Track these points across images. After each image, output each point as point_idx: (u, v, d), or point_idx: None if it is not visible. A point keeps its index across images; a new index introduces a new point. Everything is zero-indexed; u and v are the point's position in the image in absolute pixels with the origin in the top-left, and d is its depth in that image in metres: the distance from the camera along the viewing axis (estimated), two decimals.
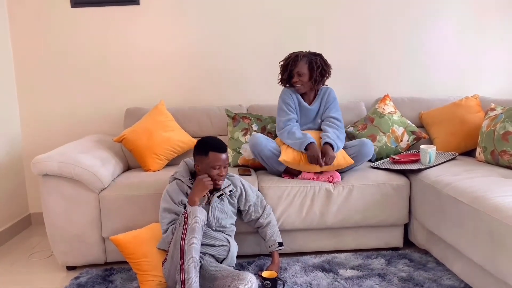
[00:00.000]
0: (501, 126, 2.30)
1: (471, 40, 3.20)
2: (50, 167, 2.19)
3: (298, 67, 2.44)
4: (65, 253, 2.30)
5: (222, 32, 3.07)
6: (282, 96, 2.56)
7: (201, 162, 2.03)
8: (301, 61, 2.44)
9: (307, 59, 2.45)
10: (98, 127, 3.08)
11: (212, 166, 2.00)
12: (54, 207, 2.25)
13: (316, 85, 2.49)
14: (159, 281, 2.02)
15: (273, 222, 2.24)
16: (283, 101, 2.53)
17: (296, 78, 2.46)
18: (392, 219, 2.39)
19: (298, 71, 2.44)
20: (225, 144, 2.08)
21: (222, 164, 2.02)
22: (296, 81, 2.46)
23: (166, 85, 3.10)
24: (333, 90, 2.59)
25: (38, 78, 3.03)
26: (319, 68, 2.44)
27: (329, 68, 2.50)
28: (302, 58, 2.45)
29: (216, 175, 2.02)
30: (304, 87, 2.48)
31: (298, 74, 2.45)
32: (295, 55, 2.47)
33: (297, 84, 2.47)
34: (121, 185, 2.35)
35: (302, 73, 2.44)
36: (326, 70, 2.48)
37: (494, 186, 1.89)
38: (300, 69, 2.44)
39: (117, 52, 3.04)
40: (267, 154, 2.40)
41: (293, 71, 2.46)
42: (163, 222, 2.01)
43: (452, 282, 2.05)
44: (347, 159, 2.36)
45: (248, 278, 1.77)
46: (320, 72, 2.45)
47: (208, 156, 2.00)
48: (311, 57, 2.46)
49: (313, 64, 2.44)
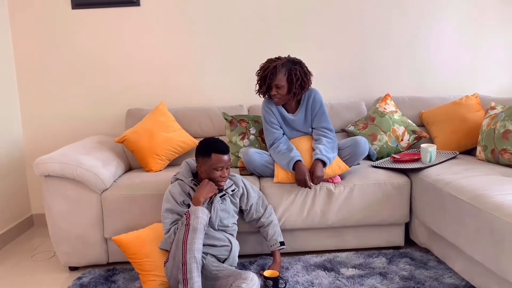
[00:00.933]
0: (501, 125, 2.30)
1: (471, 39, 3.20)
2: (52, 168, 2.20)
3: (276, 80, 2.32)
4: (68, 254, 2.31)
5: (223, 32, 3.08)
6: (263, 113, 2.48)
7: (204, 163, 2.03)
8: (279, 73, 2.31)
9: (286, 69, 2.32)
10: (100, 128, 3.09)
11: (214, 168, 2.01)
12: (56, 208, 2.26)
13: (295, 97, 2.39)
14: (161, 281, 2.03)
15: (275, 221, 2.25)
16: (265, 119, 2.47)
17: (274, 91, 2.35)
18: (393, 218, 2.40)
19: (277, 84, 2.32)
20: (228, 145, 2.08)
21: (225, 166, 2.03)
22: (275, 94, 2.36)
23: (167, 86, 3.10)
24: (317, 93, 2.46)
25: (40, 79, 3.04)
26: (298, 80, 2.32)
27: (309, 79, 2.38)
28: (280, 69, 2.31)
29: (219, 177, 2.02)
30: (282, 100, 2.39)
31: (277, 87, 2.34)
32: (274, 66, 2.32)
33: (275, 97, 2.37)
34: (122, 186, 2.36)
35: (281, 85, 2.33)
36: (306, 82, 2.36)
37: (494, 185, 1.90)
38: (279, 82, 2.32)
39: (118, 53, 3.05)
40: (262, 169, 2.39)
41: (272, 84, 2.34)
42: (165, 222, 2.02)
43: (453, 280, 2.05)
44: (342, 166, 2.34)
45: (250, 277, 1.77)
46: (299, 85, 2.34)
47: (210, 158, 2.01)
48: (290, 66, 2.33)
49: (292, 76, 2.32)
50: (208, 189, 2.00)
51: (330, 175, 2.34)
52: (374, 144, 2.73)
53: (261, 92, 2.44)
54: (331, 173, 2.33)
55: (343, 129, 2.91)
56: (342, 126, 2.93)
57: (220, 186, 2.06)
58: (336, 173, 2.34)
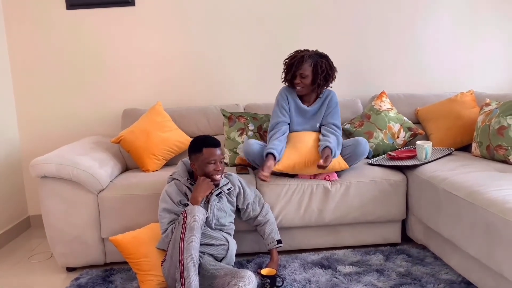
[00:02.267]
0: (496, 121, 2.31)
1: (466, 36, 3.21)
2: (48, 169, 2.20)
3: (302, 69, 2.37)
4: (65, 255, 2.31)
5: (218, 32, 3.08)
6: (278, 97, 2.52)
7: (197, 160, 2.04)
8: (305, 63, 2.37)
9: (312, 61, 2.38)
10: (96, 129, 3.09)
11: (207, 162, 2.01)
12: (53, 208, 2.25)
13: (319, 88, 2.44)
14: (158, 280, 2.03)
15: (272, 220, 2.25)
16: (278, 103, 2.50)
17: (299, 80, 2.40)
18: (390, 215, 2.41)
19: (302, 73, 2.38)
20: (218, 140, 2.09)
21: (218, 159, 2.03)
22: (298, 83, 2.41)
23: (162, 86, 3.10)
24: (335, 95, 2.52)
25: (35, 80, 3.04)
26: (323, 72, 2.38)
27: (334, 73, 2.44)
28: (307, 59, 2.37)
29: (213, 170, 2.03)
30: (305, 89, 2.44)
31: (301, 76, 2.39)
32: (301, 55, 2.39)
33: (298, 85, 2.42)
34: (119, 186, 2.36)
35: (305, 75, 2.38)
36: (331, 75, 2.42)
37: (489, 180, 1.91)
38: (304, 71, 2.37)
39: (113, 54, 3.05)
40: (261, 161, 2.38)
41: (296, 72, 2.39)
42: (162, 222, 2.02)
43: (449, 276, 2.06)
44: (342, 164, 2.35)
45: (248, 276, 1.78)
46: (324, 77, 2.40)
47: (202, 153, 2.02)
48: (317, 59, 2.39)
49: (317, 67, 2.37)
50: (205, 186, 2.01)
51: (329, 170, 2.35)
52: (370, 141, 2.74)
53: (286, 80, 2.49)
54: (329, 169, 2.33)
55: None
56: None
57: (216, 180, 2.06)
58: (334, 168, 2.35)
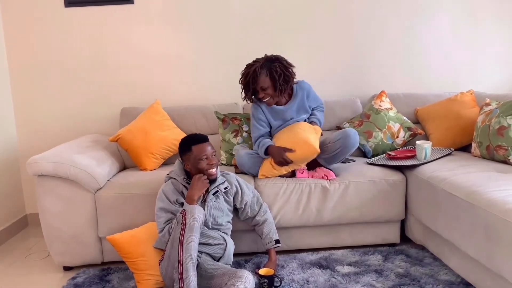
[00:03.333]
0: (496, 121, 2.30)
1: (466, 36, 3.20)
2: (45, 168, 2.18)
3: (260, 83, 2.32)
4: (62, 254, 2.29)
5: (217, 30, 3.06)
6: (252, 112, 2.49)
7: (188, 159, 2.04)
8: (261, 75, 2.30)
9: (266, 70, 2.32)
10: (94, 127, 3.07)
11: (199, 159, 2.01)
12: (50, 207, 2.24)
13: (284, 92, 2.39)
14: (156, 280, 2.02)
15: (270, 219, 2.24)
16: (254, 117, 2.48)
17: (262, 93, 2.35)
18: (389, 215, 2.39)
19: (261, 86, 2.33)
20: (206, 135, 2.10)
21: (209, 154, 2.02)
22: (263, 96, 2.36)
23: (161, 84, 3.09)
24: (304, 82, 2.50)
25: (33, 78, 3.02)
26: (280, 76, 2.31)
27: (291, 72, 2.37)
28: (260, 70, 2.31)
29: (206, 165, 2.02)
30: (272, 98, 2.39)
31: (262, 89, 2.34)
32: (253, 70, 2.31)
33: (264, 99, 2.37)
34: (117, 185, 2.34)
35: (265, 87, 2.33)
36: (289, 75, 2.36)
37: (489, 181, 1.90)
38: (263, 84, 2.32)
39: (111, 52, 3.03)
40: (255, 170, 2.40)
41: (256, 87, 2.34)
42: (159, 221, 2.01)
43: (448, 277, 2.05)
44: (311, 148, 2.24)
45: (245, 276, 1.77)
46: (283, 80, 2.33)
47: (192, 151, 2.02)
48: (270, 65, 2.32)
49: (273, 74, 2.31)
50: (200, 185, 1.99)
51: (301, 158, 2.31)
52: (369, 141, 2.72)
53: (248, 98, 2.44)
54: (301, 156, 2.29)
55: (338, 127, 2.90)
56: (338, 123, 2.92)
57: (212, 175, 2.04)
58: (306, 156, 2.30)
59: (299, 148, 2.26)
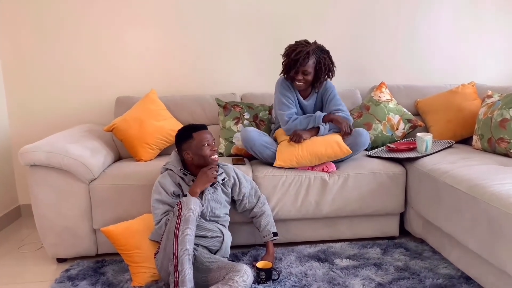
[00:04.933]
0: (498, 113, 2.27)
1: (467, 27, 3.16)
2: (37, 157, 2.13)
3: (306, 66, 2.31)
4: (55, 245, 2.25)
5: (214, 19, 2.99)
6: (279, 89, 2.44)
7: (189, 147, 2.01)
8: (310, 60, 2.30)
9: (316, 57, 2.33)
10: (88, 117, 3.00)
11: (202, 145, 1.99)
12: (43, 198, 2.19)
13: (319, 85, 2.41)
14: (151, 273, 1.98)
15: (268, 212, 2.20)
16: (282, 94, 2.42)
17: (301, 76, 2.34)
18: (388, 208, 2.37)
19: (305, 70, 2.32)
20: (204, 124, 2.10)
21: (210, 140, 2.02)
22: (300, 79, 2.35)
23: (157, 73, 3.02)
24: (329, 82, 2.48)
25: (26, 66, 2.94)
26: (326, 69, 2.35)
27: (334, 70, 2.41)
28: (312, 56, 2.31)
29: (209, 151, 2.00)
30: (305, 85, 2.39)
31: (304, 73, 2.34)
32: (306, 52, 2.29)
33: (300, 81, 2.36)
34: (111, 176, 2.29)
35: (308, 72, 2.33)
36: (332, 72, 2.40)
37: (492, 174, 1.86)
38: (307, 69, 2.32)
39: (107, 40, 2.95)
40: (261, 149, 2.35)
41: (300, 68, 2.32)
42: (155, 213, 1.97)
43: (448, 271, 2.03)
44: (343, 148, 2.28)
45: (244, 270, 1.73)
46: (326, 73, 2.37)
47: (193, 138, 2.00)
48: (320, 54, 2.34)
49: (321, 64, 2.33)
50: (205, 179, 1.97)
51: (331, 156, 2.28)
52: (369, 133, 2.68)
53: (287, 75, 2.40)
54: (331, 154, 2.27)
55: None
56: None
57: (215, 161, 2.02)
58: (337, 154, 2.27)
59: (330, 148, 2.26)
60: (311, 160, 2.30)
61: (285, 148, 2.31)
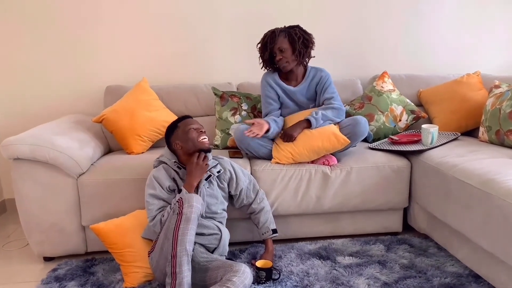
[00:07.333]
0: (507, 104, 2.17)
1: (472, 16, 3.05)
2: (21, 150, 1.99)
3: (278, 43, 2.26)
4: (42, 243, 2.12)
5: (208, 5, 2.85)
6: (261, 86, 2.41)
7: (177, 136, 1.95)
8: (279, 37, 2.26)
9: (285, 33, 2.28)
10: (76, 107, 2.86)
11: (188, 130, 1.94)
12: (28, 193, 2.06)
13: (302, 58, 2.31)
14: (144, 273, 1.88)
15: (267, 207, 2.10)
16: (262, 93, 2.41)
17: (279, 55, 2.27)
18: (392, 203, 2.27)
19: (279, 46, 2.26)
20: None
21: (195, 124, 1.97)
22: (280, 58, 2.27)
23: (149, 61, 2.88)
24: (325, 71, 2.39)
25: (10, 54, 2.77)
26: (300, 38, 2.26)
27: (311, 37, 2.32)
28: (279, 33, 2.27)
29: (197, 134, 1.93)
30: (290, 63, 2.29)
31: (280, 50, 2.27)
32: (271, 32, 2.28)
33: (281, 61, 2.28)
34: (101, 169, 2.17)
35: (284, 48, 2.26)
36: (309, 40, 2.30)
37: (505, 168, 1.77)
38: (281, 44, 2.26)
39: (96, 26, 2.79)
40: (256, 147, 2.25)
41: (274, 49, 2.27)
42: (150, 209, 1.85)
43: (456, 269, 1.94)
44: (341, 139, 2.17)
45: (242, 270, 1.63)
46: (302, 43, 2.27)
47: (178, 127, 1.97)
48: (289, 30, 2.29)
49: (292, 35, 2.26)
50: (199, 170, 1.87)
51: (329, 149, 2.18)
52: (371, 124, 2.58)
53: (264, 61, 2.36)
54: (329, 147, 2.17)
55: None
56: None
57: (204, 144, 1.93)
58: (335, 146, 2.18)
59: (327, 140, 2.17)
60: (309, 156, 2.20)
61: (280, 146, 2.22)
